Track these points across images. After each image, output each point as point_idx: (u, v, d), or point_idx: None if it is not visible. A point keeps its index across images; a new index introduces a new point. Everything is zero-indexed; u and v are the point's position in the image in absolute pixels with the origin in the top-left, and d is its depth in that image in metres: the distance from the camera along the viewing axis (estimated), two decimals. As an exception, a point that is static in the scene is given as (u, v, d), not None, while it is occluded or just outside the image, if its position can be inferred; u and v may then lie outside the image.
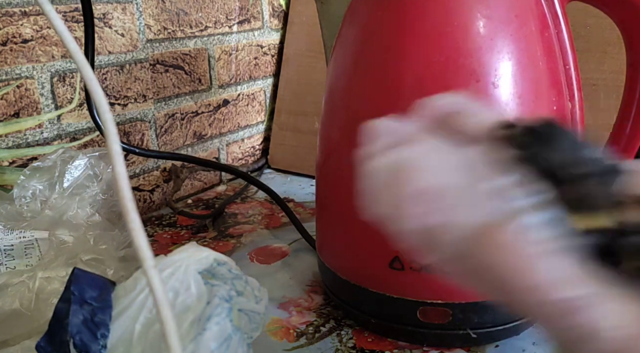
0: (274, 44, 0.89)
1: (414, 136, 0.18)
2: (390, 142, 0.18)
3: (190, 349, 0.27)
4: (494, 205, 0.15)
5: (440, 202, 0.16)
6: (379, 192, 0.17)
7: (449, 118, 0.20)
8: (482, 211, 0.15)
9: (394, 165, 0.17)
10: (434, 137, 0.18)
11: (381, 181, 0.17)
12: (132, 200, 0.19)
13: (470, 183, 0.16)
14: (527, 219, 0.15)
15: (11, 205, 0.47)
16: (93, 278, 0.31)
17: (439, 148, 0.17)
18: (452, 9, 0.36)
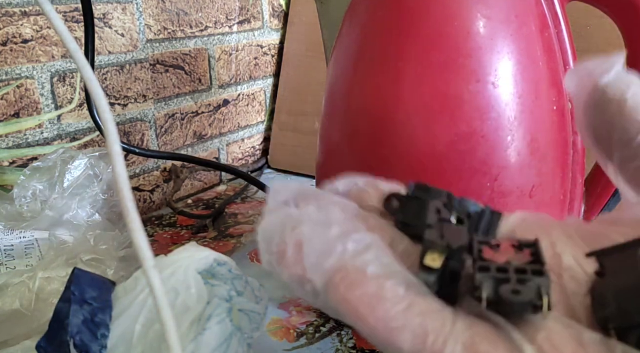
0: (274, 44, 0.89)
1: (309, 197, 0.19)
2: (285, 200, 0.19)
3: (190, 349, 0.27)
4: (340, 255, 0.17)
5: (300, 255, 0.17)
6: (262, 247, 0.18)
7: (349, 195, 0.21)
8: (328, 263, 0.16)
9: (275, 223, 0.18)
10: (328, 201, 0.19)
11: (265, 237, 0.18)
12: (132, 200, 0.19)
13: (330, 236, 0.17)
14: (364, 260, 0.16)
15: (11, 205, 0.47)
16: (93, 278, 0.31)
17: (322, 209, 0.18)
18: (452, 9, 0.36)
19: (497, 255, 0.17)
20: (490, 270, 0.16)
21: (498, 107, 0.36)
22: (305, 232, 0.17)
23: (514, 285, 0.15)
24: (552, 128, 0.38)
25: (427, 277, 0.16)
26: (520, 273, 0.16)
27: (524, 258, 0.17)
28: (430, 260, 0.16)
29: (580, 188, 0.42)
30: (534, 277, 0.16)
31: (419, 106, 0.37)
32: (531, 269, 0.16)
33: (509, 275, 0.16)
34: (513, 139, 0.36)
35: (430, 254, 0.17)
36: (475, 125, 0.36)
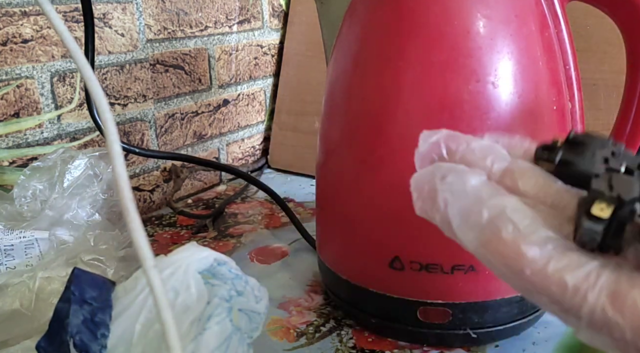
0: (274, 44, 0.89)
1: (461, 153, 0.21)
2: (435, 141, 0.22)
3: (190, 349, 0.27)
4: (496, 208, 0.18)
5: (451, 210, 0.19)
6: (415, 194, 0.20)
7: None
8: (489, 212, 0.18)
9: (426, 173, 0.20)
10: None
11: (418, 185, 0.20)
12: (132, 200, 0.19)
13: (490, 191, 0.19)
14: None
15: (11, 205, 0.47)
16: (93, 278, 0.31)
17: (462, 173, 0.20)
18: (452, 9, 0.36)
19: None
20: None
21: (498, 107, 0.36)
22: (448, 196, 0.19)
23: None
24: (552, 128, 0.38)
25: (593, 226, 0.16)
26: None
27: None
28: (598, 209, 0.16)
29: (580, 188, 0.42)
30: None
31: (419, 106, 0.37)
32: None
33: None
34: (513, 139, 0.36)
35: (599, 204, 0.16)
36: (475, 125, 0.36)
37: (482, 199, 0.18)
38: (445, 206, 0.19)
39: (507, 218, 0.17)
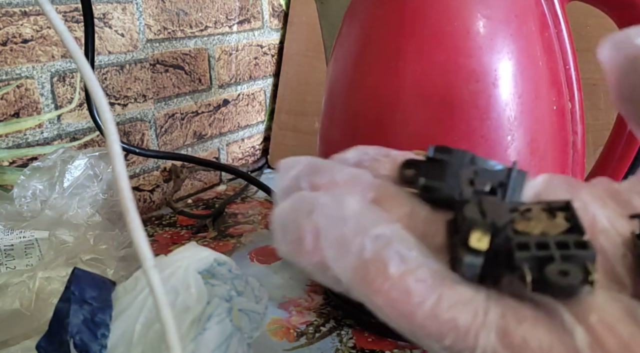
0: (274, 44, 0.89)
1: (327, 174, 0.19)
2: (296, 176, 0.19)
3: (190, 349, 0.27)
4: (369, 243, 0.16)
5: (319, 244, 0.16)
6: (278, 235, 0.17)
7: (361, 164, 0.20)
8: (356, 249, 0.16)
9: (289, 209, 0.17)
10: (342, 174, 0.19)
11: (280, 224, 0.17)
12: (132, 200, 0.19)
13: (356, 224, 0.16)
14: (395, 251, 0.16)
15: (11, 205, 0.47)
16: (93, 278, 0.31)
17: (335, 195, 0.18)
18: (452, 9, 0.36)
19: (531, 225, 0.16)
20: (530, 246, 0.15)
21: (498, 107, 0.36)
22: (321, 221, 0.16)
23: (559, 264, 0.14)
24: (552, 128, 0.39)
25: (474, 260, 0.15)
26: (563, 248, 0.15)
27: (560, 226, 0.16)
28: (475, 241, 0.15)
29: (580, 188, 0.42)
30: (578, 250, 0.15)
31: (419, 106, 0.37)
32: (573, 241, 0.15)
33: (552, 252, 0.15)
34: (513, 139, 0.36)
35: (475, 234, 0.15)
36: (475, 125, 0.36)
37: (364, 227, 0.16)
38: (317, 236, 0.16)
39: (395, 251, 0.15)
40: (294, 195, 0.17)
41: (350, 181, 0.19)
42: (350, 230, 0.16)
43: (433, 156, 0.19)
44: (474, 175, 0.18)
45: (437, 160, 0.19)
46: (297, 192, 0.18)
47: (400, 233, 0.16)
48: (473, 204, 0.16)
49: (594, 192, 0.18)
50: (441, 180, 0.18)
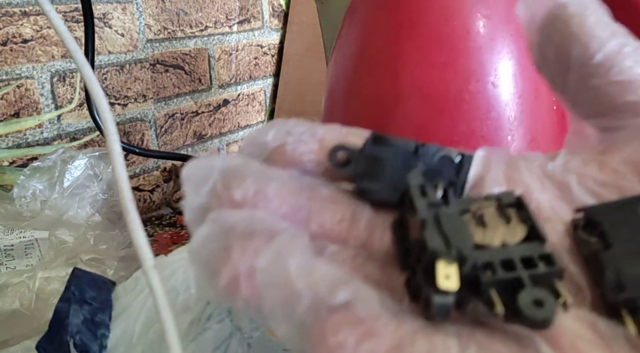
0: (274, 44, 0.89)
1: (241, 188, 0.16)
2: (211, 189, 0.16)
3: (190, 349, 0.27)
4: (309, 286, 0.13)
5: (257, 290, 0.14)
6: (202, 276, 0.15)
7: (279, 150, 0.17)
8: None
9: (211, 242, 0.14)
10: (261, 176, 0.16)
11: (202, 261, 0.14)
12: (132, 200, 0.19)
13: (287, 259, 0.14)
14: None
15: (11, 205, 0.47)
16: (93, 278, 0.31)
17: (259, 220, 0.15)
18: (452, 9, 0.36)
19: (489, 234, 0.15)
20: (495, 266, 0.14)
21: (498, 107, 0.36)
22: (263, 283, 0.14)
23: (531, 292, 0.13)
24: (552, 128, 0.39)
25: (444, 300, 0.13)
26: (530, 266, 0.14)
27: (518, 232, 0.15)
28: (444, 279, 0.13)
29: (580, 188, 0.42)
30: (545, 267, 0.14)
31: (419, 106, 0.37)
32: (537, 255, 0.14)
33: (519, 272, 0.14)
34: (513, 139, 0.37)
35: (442, 269, 0.14)
36: (475, 125, 0.36)
37: (319, 295, 0.13)
38: (254, 283, 0.14)
39: (355, 317, 0.13)
40: (215, 219, 0.15)
41: (280, 190, 0.16)
42: (304, 305, 0.13)
43: (370, 152, 0.17)
44: (423, 179, 0.16)
45: (372, 155, 0.16)
46: (217, 214, 0.15)
47: (361, 295, 0.13)
48: (431, 227, 0.14)
49: (533, 170, 0.17)
50: (380, 180, 0.16)
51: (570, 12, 0.18)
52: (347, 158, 0.17)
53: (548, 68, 0.19)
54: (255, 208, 0.15)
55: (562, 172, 0.17)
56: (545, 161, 0.17)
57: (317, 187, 0.17)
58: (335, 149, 0.17)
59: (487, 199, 0.16)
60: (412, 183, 0.16)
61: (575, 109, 0.19)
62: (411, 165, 0.16)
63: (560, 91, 0.19)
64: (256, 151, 0.17)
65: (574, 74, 0.18)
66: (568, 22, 0.18)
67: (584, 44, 0.18)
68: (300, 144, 0.17)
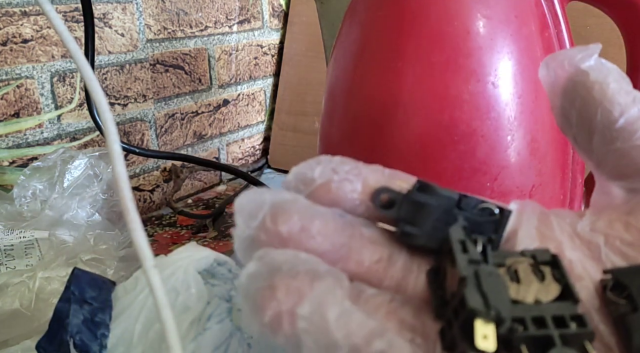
0: (274, 44, 0.89)
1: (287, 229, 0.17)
2: (259, 225, 0.17)
3: (190, 349, 0.27)
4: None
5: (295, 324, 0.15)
6: (249, 312, 0.16)
7: (325, 187, 0.18)
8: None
9: (259, 281, 0.15)
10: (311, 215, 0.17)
11: (250, 298, 0.15)
12: (132, 200, 0.19)
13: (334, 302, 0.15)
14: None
15: (11, 205, 0.47)
16: (93, 278, 0.31)
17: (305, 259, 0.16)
18: (452, 9, 0.36)
19: (523, 290, 0.15)
20: (527, 325, 0.14)
21: (498, 107, 0.36)
22: (301, 310, 0.15)
23: (561, 351, 0.14)
24: (552, 128, 0.38)
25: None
26: (561, 325, 0.14)
27: (552, 291, 0.15)
28: (481, 339, 0.14)
29: (580, 188, 0.42)
30: (576, 328, 0.14)
31: (419, 106, 0.37)
32: (569, 315, 0.14)
33: (550, 331, 0.14)
34: (513, 139, 0.36)
35: (481, 328, 0.14)
36: (475, 125, 0.36)
37: (356, 347, 0.14)
38: (298, 339, 0.15)
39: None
40: (262, 258, 0.16)
41: (324, 229, 0.17)
42: (336, 344, 0.14)
43: (416, 198, 0.17)
44: (463, 235, 0.16)
45: (418, 201, 0.17)
46: (264, 252, 0.16)
47: (395, 347, 0.15)
48: (472, 285, 0.15)
49: (564, 228, 0.18)
50: (422, 226, 0.17)
51: (592, 79, 0.19)
52: (390, 200, 0.17)
53: (571, 130, 0.20)
54: (300, 244, 0.16)
55: (589, 232, 0.18)
56: (576, 219, 0.18)
57: (358, 227, 0.18)
58: (380, 190, 0.18)
59: (523, 255, 0.16)
60: (453, 238, 0.16)
61: (600, 170, 0.19)
62: (453, 214, 0.17)
63: (584, 152, 0.20)
64: (301, 186, 0.18)
65: (598, 137, 0.19)
66: (590, 88, 0.19)
67: (606, 110, 0.18)
68: (345, 183, 0.18)
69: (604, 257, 0.17)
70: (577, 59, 0.19)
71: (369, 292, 0.17)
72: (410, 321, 0.16)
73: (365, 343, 0.14)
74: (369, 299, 0.16)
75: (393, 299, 0.17)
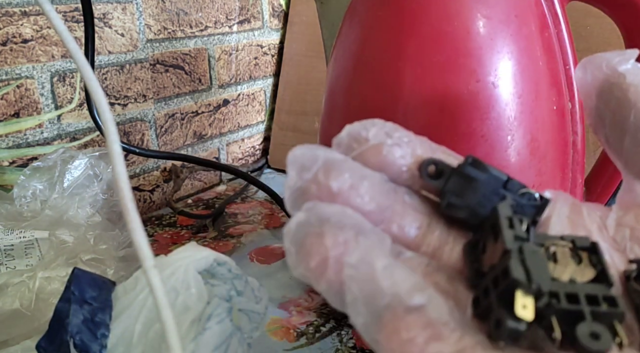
0: (274, 44, 0.89)
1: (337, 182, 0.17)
2: (311, 178, 0.17)
3: (190, 349, 0.27)
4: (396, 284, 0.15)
5: (352, 294, 0.15)
6: (295, 257, 0.16)
7: (376, 148, 0.19)
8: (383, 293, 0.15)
9: (305, 227, 0.16)
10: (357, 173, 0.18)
11: (296, 243, 0.16)
12: (132, 200, 0.19)
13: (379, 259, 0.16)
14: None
15: (11, 205, 0.47)
16: (93, 278, 0.31)
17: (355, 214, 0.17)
18: (452, 9, 0.36)
19: (559, 269, 0.16)
20: (560, 298, 0.15)
21: (498, 107, 0.36)
22: (350, 276, 0.15)
23: (590, 324, 0.14)
24: (552, 128, 0.38)
25: (517, 327, 0.14)
26: (593, 303, 0.15)
27: (588, 273, 0.16)
28: (521, 308, 0.14)
29: (580, 188, 0.42)
30: (607, 307, 0.15)
31: (419, 106, 0.37)
32: (602, 295, 0.15)
33: (582, 307, 0.15)
34: (513, 139, 0.36)
35: (520, 298, 0.15)
36: (475, 125, 0.36)
37: (399, 296, 0.15)
38: (341, 286, 0.15)
39: (427, 320, 0.14)
40: (311, 209, 0.16)
41: (371, 189, 0.18)
42: (385, 301, 0.15)
43: (467, 172, 0.18)
44: (512, 212, 0.17)
45: (468, 175, 0.18)
46: (314, 205, 0.17)
47: (433, 302, 0.15)
48: (516, 259, 0.15)
49: (593, 218, 0.19)
50: (469, 201, 0.18)
51: (629, 82, 0.20)
52: (437, 172, 0.18)
53: (604, 130, 0.21)
54: (348, 201, 0.17)
55: (616, 225, 0.19)
56: (606, 212, 0.19)
57: (401, 193, 0.18)
58: (428, 161, 0.18)
59: (563, 239, 0.17)
60: (501, 214, 0.17)
61: (628, 169, 0.20)
62: (499, 193, 0.18)
63: (614, 151, 0.21)
64: (355, 144, 0.19)
65: (630, 138, 0.20)
66: (626, 90, 0.20)
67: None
68: (396, 148, 0.19)
69: (628, 249, 0.18)
70: (615, 61, 0.20)
71: (407, 254, 0.17)
72: (444, 285, 0.17)
73: (408, 295, 0.15)
74: (407, 260, 0.17)
75: (429, 264, 0.17)
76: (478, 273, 0.17)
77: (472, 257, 0.17)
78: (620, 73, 0.20)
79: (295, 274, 0.16)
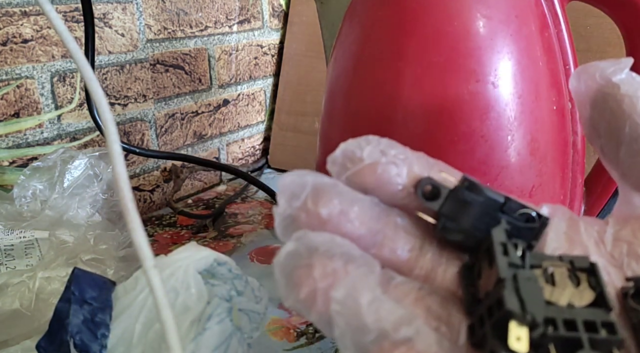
0: (274, 44, 0.89)
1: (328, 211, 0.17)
2: (300, 205, 0.17)
3: (190, 349, 0.27)
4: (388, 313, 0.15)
5: (340, 326, 0.15)
6: (285, 288, 0.16)
7: (371, 168, 0.18)
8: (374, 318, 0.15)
9: (294, 259, 0.16)
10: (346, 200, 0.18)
11: (286, 274, 0.16)
12: (132, 200, 0.19)
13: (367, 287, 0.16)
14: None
15: (11, 205, 0.47)
16: (93, 278, 0.31)
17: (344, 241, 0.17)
18: (452, 9, 0.36)
19: (557, 293, 0.16)
20: (558, 325, 0.15)
21: (498, 107, 0.36)
22: (335, 294, 0.15)
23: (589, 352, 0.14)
24: (552, 128, 0.38)
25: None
26: (591, 330, 0.15)
27: (586, 297, 0.16)
28: (515, 340, 0.14)
29: (580, 188, 0.42)
30: (606, 335, 0.14)
31: (419, 106, 0.37)
32: (601, 322, 0.15)
33: (580, 334, 0.14)
34: (513, 139, 0.36)
35: (515, 330, 0.14)
36: (475, 125, 0.36)
37: (385, 330, 0.15)
38: (330, 319, 0.16)
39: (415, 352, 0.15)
40: (300, 238, 0.16)
41: (361, 214, 0.17)
42: (371, 337, 0.15)
43: (463, 196, 0.17)
44: (505, 238, 0.17)
45: (464, 200, 0.17)
46: (303, 234, 0.17)
47: (421, 333, 0.15)
48: (510, 289, 0.15)
49: (591, 234, 0.19)
50: (464, 224, 0.17)
51: (623, 92, 0.19)
52: (433, 192, 0.18)
53: (599, 140, 0.20)
54: (338, 227, 0.17)
55: (613, 240, 0.18)
56: (603, 227, 0.19)
57: (393, 215, 0.18)
58: (424, 181, 0.18)
59: (561, 260, 0.17)
60: (495, 239, 0.17)
61: (625, 181, 0.20)
62: (495, 216, 0.18)
63: (610, 162, 0.20)
64: (349, 163, 0.19)
65: (625, 149, 0.19)
66: (620, 101, 0.19)
67: (635, 123, 0.19)
68: (391, 166, 0.18)
69: (625, 265, 0.17)
70: (609, 71, 0.20)
71: (398, 279, 0.17)
72: (437, 309, 0.17)
73: (394, 329, 0.15)
74: (399, 285, 0.17)
75: (422, 288, 0.17)
76: (474, 299, 0.17)
77: (468, 281, 0.17)
78: (614, 83, 0.19)
79: (287, 305, 0.16)
